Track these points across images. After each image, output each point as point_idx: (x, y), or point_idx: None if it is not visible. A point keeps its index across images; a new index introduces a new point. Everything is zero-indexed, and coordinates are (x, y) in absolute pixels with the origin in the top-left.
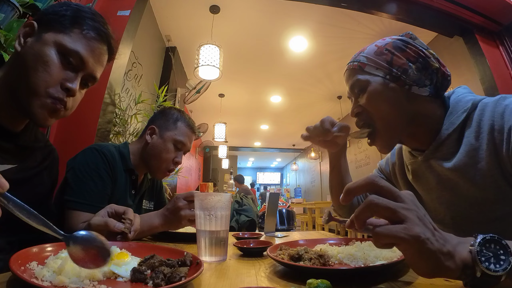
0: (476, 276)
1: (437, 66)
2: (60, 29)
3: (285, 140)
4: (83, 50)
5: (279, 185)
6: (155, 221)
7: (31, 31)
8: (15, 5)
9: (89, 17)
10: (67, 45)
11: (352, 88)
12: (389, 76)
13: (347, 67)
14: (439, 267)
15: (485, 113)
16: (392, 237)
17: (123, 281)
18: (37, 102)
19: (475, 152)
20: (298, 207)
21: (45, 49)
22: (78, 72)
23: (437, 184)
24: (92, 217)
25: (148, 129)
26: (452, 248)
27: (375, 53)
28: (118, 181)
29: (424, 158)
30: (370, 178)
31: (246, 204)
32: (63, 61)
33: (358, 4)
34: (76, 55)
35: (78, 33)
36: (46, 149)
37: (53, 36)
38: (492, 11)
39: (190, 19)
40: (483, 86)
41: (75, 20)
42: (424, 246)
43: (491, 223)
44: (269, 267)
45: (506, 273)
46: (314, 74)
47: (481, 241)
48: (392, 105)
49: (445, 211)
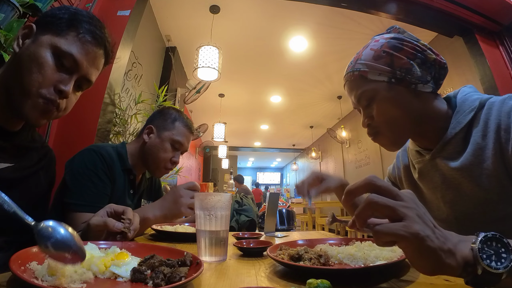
0: (477, 273)
1: (434, 57)
2: (57, 32)
3: (285, 140)
4: (77, 52)
5: (279, 185)
6: (149, 214)
7: (30, 32)
8: (15, 5)
9: (85, 21)
10: (62, 47)
11: (359, 100)
12: (394, 79)
13: (347, 78)
14: (440, 265)
15: (492, 112)
16: (392, 235)
17: (123, 281)
18: (29, 102)
19: (481, 151)
20: (298, 207)
21: (40, 51)
22: (72, 75)
23: (442, 183)
24: (91, 217)
25: (146, 129)
26: (453, 245)
27: (373, 57)
28: (117, 181)
29: (431, 157)
30: (368, 178)
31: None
32: (58, 63)
33: (358, 4)
34: (70, 57)
35: (73, 36)
36: (43, 150)
37: (49, 39)
38: (492, 11)
39: (190, 19)
40: (483, 86)
41: (71, 23)
42: (424, 243)
43: (494, 223)
44: (269, 267)
45: (507, 271)
46: (314, 74)
47: (483, 239)
48: (404, 108)
49: (449, 211)
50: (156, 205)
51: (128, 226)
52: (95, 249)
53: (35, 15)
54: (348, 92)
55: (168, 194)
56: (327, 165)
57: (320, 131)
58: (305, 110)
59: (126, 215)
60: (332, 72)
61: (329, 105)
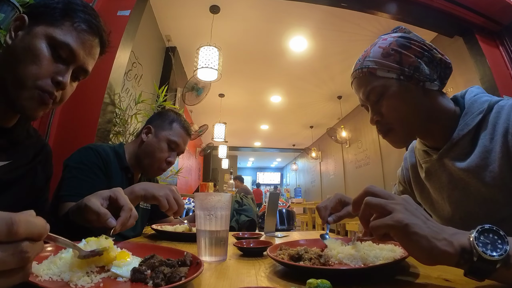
0: (473, 261)
1: (440, 57)
2: (51, 22)
3: (285, 140)
4: (74, 42)
5: (279, 185)
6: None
7: (22, 24)
8: (15, 5)
9: (80, 10)
10: (58, 38)
11: (368, 96)
12: (403, 76)
13: (355, 75)
14: (437, 252)
15: (501, 116)
16: (383, 226)
17: (123, 281)
18: (25, 94)
19: (488, 154)
20: (298, 207)
21: (35, 42)
22: (69, 65)
23: (449, 183)
24: (90, 198)
25: (145, 129)
26: (449, 236)
27: (382, 55)
28: (114, 179)
29: (439, 156)
30: (366, 187)
31: (246, 204)
32: (54, 54)
33: (358, 4)
34: (66, 47)
35: (68, 26)
36: (38, 144)
37: (43, 29)
38: (492, 11)
39: (190, 19)
40: (483, 86)
41: (65, 13)
42: (409, 229)
43: (499, 223)
44: (269, 267)
45: (502, 259)
46: (314, 74)
47: (480, 229)
48: (413, 105)
49: (455, 211)
50: (142, 184)
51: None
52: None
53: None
54: (356, 89)
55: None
56: (327, 165)
57: (320, 131)
58: (305, 110)
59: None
60: (332, 72)
61: (329, 105)
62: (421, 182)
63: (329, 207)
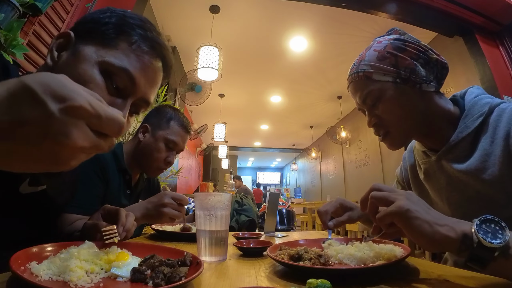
0: (473, 247)
1: (436, 57)
2: (103, 42)
3: (285, 140)
4: (133, 68)
5: (279, 185)
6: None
7: (67, 42)
8: (15, 5)
9: (138, 25)
10: (113, 62)
11: (364, 100)
12: (399, 79)
13: (351, 80)
14: (439, 236)
15: (502, 119)
16: (387, 215)
17: (123, 281)
18: None
19: (487, 157)
20: (298, 207)
21: (85, 67)
22: (127, 98)
23: (447, 184)
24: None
25: (141, 128)
26: (451, 222)
27: (378, 58)
28: (111, 181)
29: (437, 158)
30: (372, 185)
31: (246, 204)
32: (108, 83)
33: (358, 4)
34: (124, 74)
35: (125, 47)
36: None
37: (93, 51)
38: (492, 11)
39: (190, 19)
40: (483, 86)
41: (120, 29)
42: (410, 214)
43: None
44: (269, 267)
45: (500, 247)
46: (314, 74)
47: (482, 219)
48: (410, 107)
49: (454, 212)
50: (141, 206)
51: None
52: (93, 247)
53: (35, 15)
54: (352, 93)
55: (154, 197)
56: (327, 165)
57: (320, 131)
58: (305, 110)
59: (119, 217)
60: (332, 72)
61: (329, 105)
62: (420, 183)
63: (329, 212)
